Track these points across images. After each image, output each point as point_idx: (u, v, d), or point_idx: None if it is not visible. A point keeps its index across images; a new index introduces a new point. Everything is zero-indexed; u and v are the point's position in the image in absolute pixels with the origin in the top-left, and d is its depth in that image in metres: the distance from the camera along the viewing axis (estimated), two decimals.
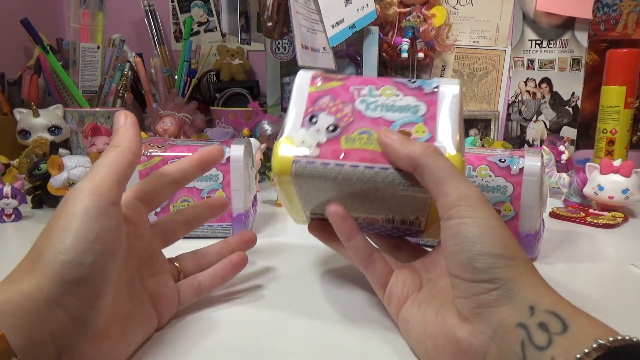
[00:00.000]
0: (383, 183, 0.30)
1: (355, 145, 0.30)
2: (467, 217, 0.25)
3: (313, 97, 0.33)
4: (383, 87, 0.32)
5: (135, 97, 1.01)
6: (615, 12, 0.87)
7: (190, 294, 0.33)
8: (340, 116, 0.31)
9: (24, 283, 0.23)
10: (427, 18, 0.87)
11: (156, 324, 0.31)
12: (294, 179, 0.31)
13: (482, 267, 0.24)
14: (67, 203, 0.25)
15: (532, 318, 0.23)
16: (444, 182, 0.27)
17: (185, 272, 0.34)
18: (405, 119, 0.31)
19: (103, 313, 0.25)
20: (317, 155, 0.30)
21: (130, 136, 0.29)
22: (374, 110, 0.31)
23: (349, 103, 0.32)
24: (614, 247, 0.52)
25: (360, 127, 0.31)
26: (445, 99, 0.31)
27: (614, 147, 0.77)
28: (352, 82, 0.33)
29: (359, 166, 0.30)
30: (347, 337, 0.31)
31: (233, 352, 0.29)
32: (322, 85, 0.33)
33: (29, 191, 0.63)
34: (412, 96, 0.32)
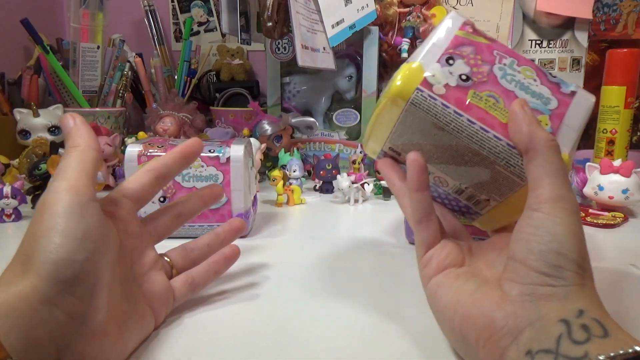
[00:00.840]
0: (489, 151, 0.30)
1: (480, 104, 0.30)
2: (557, 216, 0.25)
3: (458, 40, 0.32)
4: (524, 66, 0.32)
5: (135, 97, 1.01)
6: (615, 12, 0.87)
7: (184, 290, 0.33)
8: (475, 71, 0.31)
9: (18, 285, 0.23)
10: (427, 18, 0.87)
11: (153, 322, 0.31)
12: (408, 106, 0.30)
13: (553, 263, 0.24)
14: (47, 204, 0.25)
15: (578, 319, 0.23)
16: (550, 177, 0.26)
17: (177, 267, 0.34)
18: (534, 104, 0.30)
19: (101, 310, 0.25)
20: (442, 94, 0.30)
21: (85, 134, 0.29)
22: (509, 82, 0.31)
23: (488, 64, 0.31)
24: (614, 247, 0.51)
25: (491, 90, 0.30)
26: (577, 105, 0.31)
27: (614, 147, 0.77)
28: (498, 46, 0.32)
29: (475, 124, 0.29)
30: (346, 337, 0.31)
31: (232, 351, 0.29)
32: (470, 34, 0.32)
33: (29, 191, 0.63)
34: (548, 88, 0.31)
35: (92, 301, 0.24)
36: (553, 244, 0.25)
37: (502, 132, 0.29)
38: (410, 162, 0.30)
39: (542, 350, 0.22)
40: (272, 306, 0.35)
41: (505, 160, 0.30)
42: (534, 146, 0.27)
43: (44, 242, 0.23)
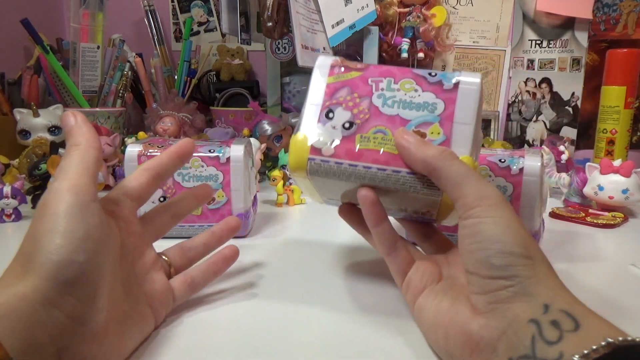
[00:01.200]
0: (395, 185, 0.30)
1: (369, 145, 0.31)
2: (486, 216, 0.26)
3: (331, 88, 0.33)
4: (402, 80, 0.32)
5: (135, 97, 1.01)
6: (615, 12, 0.87)
7: (184, 290, 0.33)
8: (356, 112, 0.31)
9: (19, 286, 0.22)
10: (427, 18, 0.87)
11: (153, 323, 0.31)
12: (309, 176, 0.32)
13: (500, 264, 0.25)
14: (47, 204, 0.25)
15: (546, 315, 0.23)
16: (461, 185, 0.27)
17: (175, 266, 0.34)
18: (421, 118, 0.31)
19: (101, 311, 0.25)
20: (332, 154, 0.31)
21: (86, 133, 0.28)
22: (390, 106, 0.31)
23: (367, 97, 0.32)
24: (614, 247, 0.52)
25: (376, 125, 0.31)
26: (463, 97, 0.31)
27: (614, 147, 0.77)
28: (371, 72, 0.33)
29: (371, 167, 0.30)
30: (348, 337, 0.31)
31: (232, 352, 0.29)
32: (341, 75, 0.33)
33: (29, 191, 0.63)
34: (430, 92, 0.32)
35: (92, 302, 0.24)
36: (494, 246, 0.25)
37: (398, 164, 0.30)
38: (361, 200, 0.31)
39: (521, 357, 0.22)
40: (271, 306, 0.35)
41: (412, 187, 0.30)
42: (432, 167, 0.28)
43: (45, 243, 0.23)
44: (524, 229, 0.26)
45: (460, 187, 0.27)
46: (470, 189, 0.27)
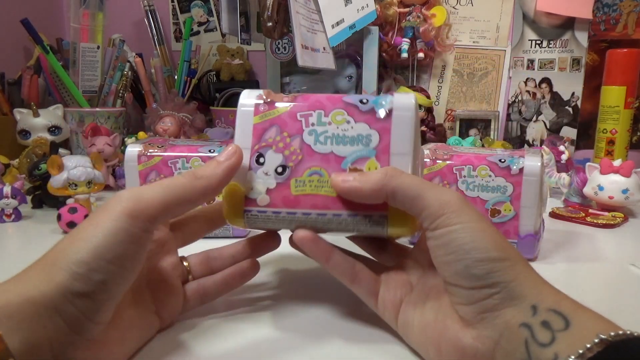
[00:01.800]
0: (338, 228, 0.29)
1: (306, 190, 0.29)
2: (454, 223, 0.25)
3: (258, 130, 0.30)
4: (333, 111, 0.30)
5: (135, 97, 1.01)
6: (615, 12, 0.87)
7: (194, 300, 0.33)
8: (288, 153, 0.30)
9: (29, 285, 0.22)
10: (427, 18, 0.87)
11: (157, 329, 0.30)
12: (248, 225, 0.31)
13: (481, 273, 0.24)
14: (103, 212, 0.24)
15: (535, 317, 0.23)
16: (420, 197, 0.26)
17: (195, 274, 0.33)
18: (357, 153, 0.29)
19: (100, 325, 0.25)
20: (268, 203, 0.29)
21: (218, 176, 0.27)
22: (323, 143, 0.30)
23: (297, 136, 0.30)
24: (614, 247, 0.52)
25: (310, 166, 0.29)
26: (398, 126, 0.29)
27: (614, 147, 0.77)
28: (299, 106, 0.31)
29: (311, 214, 0.29)
30: (350, 336, 0.31)
31: (233, 355, 0.29)
32: (267, 113, 0.31)
33: (29, 191, 0.63)
34: (363, 122, 0.30)
35: (94, 317, 0.24)
36: (470, 255, 0.24)
37: (337, 207, 0.29)
38: (299, 242, 0.29)
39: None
40: (272, 307, 0.35)
41: (356, 228, 0.29)
42: (384, 191, 0.27)
43: (73, 251, 0.23)
44: (494, 229, 0.26)
45: (420, 199, 0.26)
46: (429, 198, 0.26)
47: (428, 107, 0.87)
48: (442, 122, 0.98)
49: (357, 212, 0.29)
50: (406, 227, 0.29)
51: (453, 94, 0.97)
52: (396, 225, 0.29)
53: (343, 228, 0.29)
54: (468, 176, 0.44)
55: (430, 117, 0.88)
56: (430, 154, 0.46)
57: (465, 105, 0.97)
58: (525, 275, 0.24)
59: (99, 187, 0.57)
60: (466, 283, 0.25)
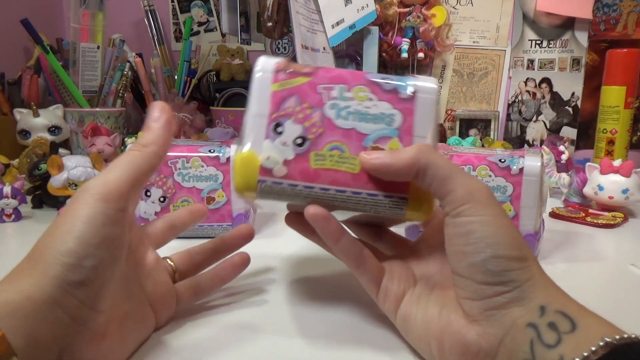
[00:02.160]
0: (355, 207, 0.28)
1: (326, 165, 0.28)
2: (478, 214, 0.25)
3: (277, 97, 0.29)
4: (355, 87, 0.29)
5: (135, 97, 1.01)
6: (615, 12, 0.87)
7: (188, 295, 0.33)
8: (308, 125, 0.28)
9: (24, 283, 0.23)
10: (427, 18, 0.87)
11: (154, 324, 0.31)
12: (260, 196, 0.29)
13: (497, 270, 0.24)
14: (75, 204, 0.25)
15: (543, 318, 0.23)
16: (450, 178, 0.26)
17: (180, 270, 0.34)
18: (379, 131, 0.29)
19: (103, 313, 0.25)
20: (284, 175, 0.28)
21: (161, 137, 0.27)
22: (345, 118, 0.29)
23: (318, 108, 0.29)
24: (614, 247, 0.52)
25: (330, 140, 0.28)
26: (422, 107, 0.29)
27: (614, 147, 0.77)
28: (320, 78, 0.29)
29: (329, 189, 0.28)
30: (349, 336, 0.31)
31: (232, 355, 0.29)
32: (286, 82, 0.29)
33: (29, 191, 0.63)
34: (386, 101, 0.29)
35: (94, 305, 0.24)
36: (489, 249, 0.24)
37: (358, 185, 0.28)
38: (311, 218, 0.28)
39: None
40: (272, 308, 0.35)
41: (374, 209, 0.28)
42: (415, 167, 0.26)
43: (59, 243, 0.24)
44: (514, 227, 0.26)
45: (449, 181, 0.26)
46: (458, 183, 0.26)
47: None
48: (442, 122, 0.98)
49: (378, 192, 0.28)
50: (423, 211, 0.29)
51: (453, 94, 0.97)
52: (414, 208, 0.28)
53: (360, 207, 0.28)
54: None
55: None
56: None
57: (465, 105, 0.97)
58: (538, 277, 0.25)
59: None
60: (479, 277, 0.24)
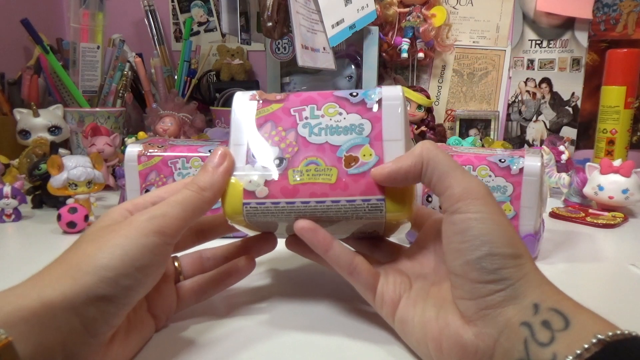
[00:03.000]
0: (337, 215, 0.30)
1: (304, 179, 0.30)
2: (475, 212, 0.25)
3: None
4: (325, 105, 0.31)
5: (135, 97, 1.01)
6: (615, 12, 0.87)
7: (189, 298, 0.33)
8: (284, 146, 0.31)
9: (47, 288, 0.22)
10: (427, 18, 0.87)
11: (154, 329, 0.30)
12: (247, 220, 0.30)
13: (492, 267, 0.24)
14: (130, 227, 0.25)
15: (536, 316, 0.23)
16: (448, 175, 0.26)
17: (186, 274, 0.33)
18: (351, 141, 0.30)
19: (113, 328, 0.25)
20: (266, 195, 0.30)
21: (218, 185, 0.29)
22: (317, 134, 0.31)
23: (292, 129, 0.31)
24: (614, 247, 0.52)
25: (306, 156, 0.30)
26: (388, 113, 0.31)
27: (614, 147, 0.77)
28: (292, 102, 0.32)
29: (309, 202, 0.29)
30: (348, 336, 0.31)
31: (232, 356, 0.29)
32: (261, 110, 0.32)
33: (29, 191, 0.63)
34: (355, 113, 0.31)
35: (111, 321, 0.24)
36: (484, 247, 0.24)
37: (336, 194, 0.29)
38: (300, 231, 0.29)
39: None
40: (271, 308, 0.35)
41: (355, 214, 0.30)
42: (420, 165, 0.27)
43: (101, 256, 0.24)
44: (510, 225, 0.26)
45: (447, 177, 0.26)
46: (456, 180, 0.26)
47: (428, 107, 0.87)
48: (442, 122, 0.98)
49: (355, 197, 0.29)
50: (402, 210, 0.29)
51: (453, 94, 0.97)
52: (393, 208, 0.29)
53: (342, 215, 0.30)
54: None
55: (430, 117, 0.88)
56: None
57: (465, 105, 0.97)
58: (532, 275, 0.25)
59: (99, 187, 0.57)
60: (474, 275, 0.25)
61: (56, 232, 0.53)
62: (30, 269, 0.25)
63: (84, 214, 0.52)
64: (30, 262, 0.45)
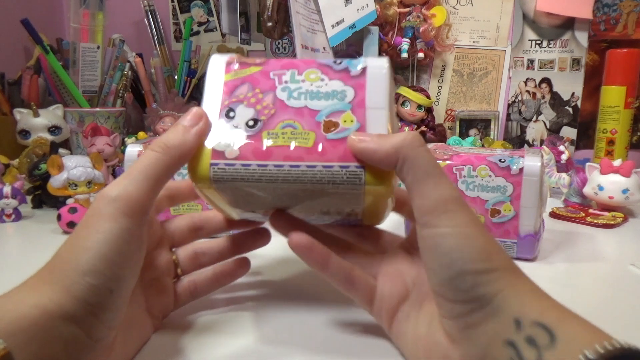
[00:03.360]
0: (311, 182, 0.27)
1: (278, 142, 0.27)
2: (444, 226, 0.24)
3: (229, 86, 0.29)
4: (306, 70, 0.30)
5: (135, 97, 1.01)
6: (615, 12, 0.87)
7: (185, 297, 0.33)
8: (260, 108, 0.29)
9: (43, 297, 0.22)
10: (427, 18, 0.87)
11: (152, 328, 0.30)
12: (214, 184, 0.28)
13: (465, 287, 0.23)
14: (97, 216, 0.24)
15: (520, 333, 0.22)
16: (422, 182, 0.25)
17: (184, 269, 0.33)
18: (331, 107, 0.28)
19: (115, 329, 0.25)
20: (237, 156, 0.27)
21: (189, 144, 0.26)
22: (297, 98, 0.29)
23: (270, 92, 0.29)
24: (614, 247, 0.52)
25: (283, 119, 0.28)
26: (373, 81, 0.29)
27: (614, 147, 0.77)
28: (272, 66, 0.30)
29: (283, 165, 0.27)
30: (347, 336, 0.31)
31: (231, 357, 0.29)
32: (238, 71, 0.30)
33: (29, 191, 0.63)
34: (338, 80, 0.29)
35: (112, 323, 0.24)
36: (455, 265, 0.23)
37: (312, 158, 0.27)
38: (295, 248, 0.28)
39: None
40: (271, 308, 0.35)
41: (331, 182, 0.27)
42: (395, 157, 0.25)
43: (83, 260, 0.23)
44: (484, 235, 0.24)
45: (420, 184, 0.25)
46: (429, 188, 0.24)
47: (428, 107, 0.87)
48: (442, 122, 0.98)
49: (333, 162, 0.27)
50: (384, 184, 0.27)
51: (453, 94, 0.97)
52: (373, 181, 0.27)
53: (317, 181, 0.27)
54: (468, 176, 0.44)
55: (430, 117, 0.88)
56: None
57: (465, 105, 0.97)
58: (511, 287, 0.23)
59: (99, 187, 0.57)
60: (450, 294, 0.24)
61: (56, 232, 0.53)
62: (30, 269, 0.25)
63: (84, 214, 0.52)
64: (30, 262, 0.44)
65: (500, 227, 0.43)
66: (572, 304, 0.23)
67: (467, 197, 0.44)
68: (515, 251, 0.44)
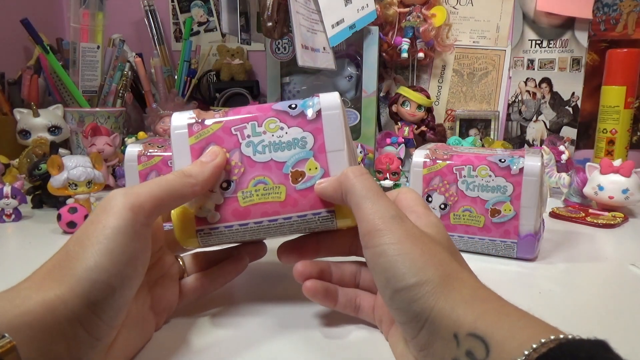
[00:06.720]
0: (289, 230, 0.31)
1: (254, 200, 0.30)
2: (378, 245, 0.24)
3: (196, 149, 0.30)
4: (265, 120, 0.31)
5: (135, 97, 1.01)
6: (615, 12, 0.87)
7: (190, 295, 0.33)
8: (230, 168, 0.30)
9: (49, 293, 0.22)
10: (427, 18, 0.87)
11: (154, 327, 0.31)
12: (203, 243, 0.31)
13: (402, 305, 0.23)
14: (104, 213, 0.25)
15: (460, 348, 0.21)
16: (359, 207, 0.26)
17: (189, 271, 0.34)
18: (295, 156, 0.30)
19: (117, 327, 0.25)
20: (218, 220, 0.30)
21: (205, 175, 0.28)
22: (262, 152, 0.30)
23: (236, 149, 0.31)
24: (614, 247, 0.52)
25: (254, 176, 0.30)
26: (329, 124, 0.31)
27: (614, 147, 0.77)
28: (232, 121, 0.31)
29: (262, 221, 0.30)
30: (346, 335, 0.31)
31: (231, 357, 0.29)
32: (201, 132, 0.31)
33: (29, 191, 0.63)
34: (296, 126, 0.31)
35: (114, 322, 0.24)
36: (389, 284, 0.23)
37: (286, 211, 0.30)
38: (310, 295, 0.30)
39: None
40: (270, 309, 0.35)
41: (307, 227, 0.31)
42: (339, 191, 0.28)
43: (89, 256, 0.23)
44: (416, 245, 0.24)
45: (358, 210, 0.26)
46: (366, 210, 0.26)
47: (428, 107, 0.87)
48: (442, 122, 0.98)
49: (306, 212, 0.30)
50: (352, 217, 0.29)
51: (453, 94, 0.97)
52: (343, 216, 0.30)
53: (295, 229, 0.31)
54: (468, 176, 0.44)
55: (430, 117, 0.88)
56: (430, 154, 0.46)
57: (465, 105, 0.97)
58: (443, 298, 0.22)
59: (99, 187, 0.57)
60: (395, 315, 0.24)
61: (56, 232, 0.53)
62: (30, 269, 0.25)
63: (84, 214, 0.52)
64: (30, 262, 0.44)
65: (500, 227, 0.43)
66: (572, 304, 0.23)
67: (467, 197, 0.44)
68: (515, 251, 0.44)
